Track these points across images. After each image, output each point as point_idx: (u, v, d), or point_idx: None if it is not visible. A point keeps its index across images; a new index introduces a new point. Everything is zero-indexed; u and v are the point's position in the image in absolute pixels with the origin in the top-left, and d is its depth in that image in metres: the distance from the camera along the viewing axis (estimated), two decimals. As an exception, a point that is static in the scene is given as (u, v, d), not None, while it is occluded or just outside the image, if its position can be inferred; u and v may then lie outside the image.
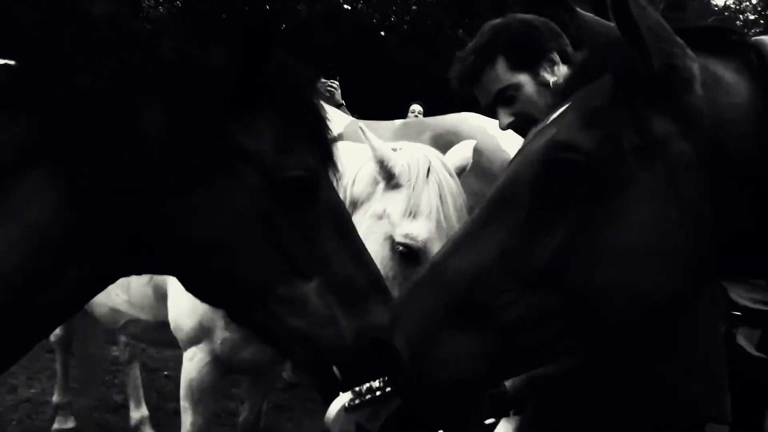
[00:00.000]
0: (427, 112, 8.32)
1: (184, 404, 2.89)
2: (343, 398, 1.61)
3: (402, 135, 4.86)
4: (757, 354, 2.73)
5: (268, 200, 1.37)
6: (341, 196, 1.73)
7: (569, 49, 2.05)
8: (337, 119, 4.07)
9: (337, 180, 1.57)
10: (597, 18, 1.40)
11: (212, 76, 1.37)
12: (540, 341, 1.25)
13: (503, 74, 2.04)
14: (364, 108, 8.82)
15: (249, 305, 1.43)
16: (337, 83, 6.55)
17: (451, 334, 1.25)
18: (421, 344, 1.26)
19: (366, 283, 1.47)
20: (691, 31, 1.23)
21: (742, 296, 2.77)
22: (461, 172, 2.37)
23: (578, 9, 1.40)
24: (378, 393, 1.55)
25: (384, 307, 1.47)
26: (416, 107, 8.29)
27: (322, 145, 1.51)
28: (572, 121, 1.26)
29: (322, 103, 1.54)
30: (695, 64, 1.18)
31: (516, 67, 2.03)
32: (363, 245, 1.54)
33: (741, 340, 2.75)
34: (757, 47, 1.22)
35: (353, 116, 5.18)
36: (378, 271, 1.55)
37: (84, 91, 1.32)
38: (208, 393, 2.86)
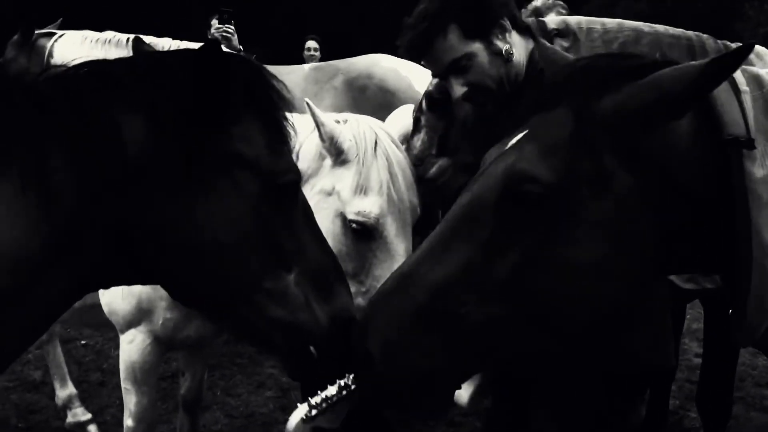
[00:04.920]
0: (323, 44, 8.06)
1: (127, 386, 2.80)
2: (301, 410, 1.66)
3: (313, 80, 4.72)
4: (687, 286, 3.00)
5: (264, 202, 1.44)
6: None
7: (517, 13, 2.01)
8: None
9: None
10: (554, 47, 1.47)
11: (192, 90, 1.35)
12: (496, 345, 1.40)
13: (457, 44, 1.98)
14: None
15: (236, 301, 1.47)
16: (233, 28, 6.20)
17: (418, 338, 1.39)
18: (391, 346, 1.39)
19: (331, 267, 1.60)
20: (636, 68, 1.34)
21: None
22: (404, 140, 2.35)
23: (540, 39, 1.46)
24: (334, 401, 1.62)
25: (345, 287, 1.62)
26: (313, 44, 7.97)
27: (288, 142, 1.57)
28: (531, 151, 1.37)
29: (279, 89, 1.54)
30: None
31: (469, 35, 1.97)
32: (320, 231, 1.64)
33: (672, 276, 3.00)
34: None
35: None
36: (334, 253, 1.68)
37: (51, 99, 1.26)
38: (151, 373, 2.79)
